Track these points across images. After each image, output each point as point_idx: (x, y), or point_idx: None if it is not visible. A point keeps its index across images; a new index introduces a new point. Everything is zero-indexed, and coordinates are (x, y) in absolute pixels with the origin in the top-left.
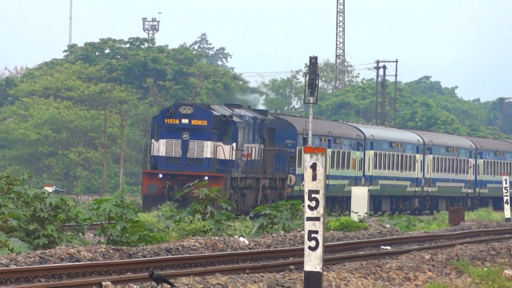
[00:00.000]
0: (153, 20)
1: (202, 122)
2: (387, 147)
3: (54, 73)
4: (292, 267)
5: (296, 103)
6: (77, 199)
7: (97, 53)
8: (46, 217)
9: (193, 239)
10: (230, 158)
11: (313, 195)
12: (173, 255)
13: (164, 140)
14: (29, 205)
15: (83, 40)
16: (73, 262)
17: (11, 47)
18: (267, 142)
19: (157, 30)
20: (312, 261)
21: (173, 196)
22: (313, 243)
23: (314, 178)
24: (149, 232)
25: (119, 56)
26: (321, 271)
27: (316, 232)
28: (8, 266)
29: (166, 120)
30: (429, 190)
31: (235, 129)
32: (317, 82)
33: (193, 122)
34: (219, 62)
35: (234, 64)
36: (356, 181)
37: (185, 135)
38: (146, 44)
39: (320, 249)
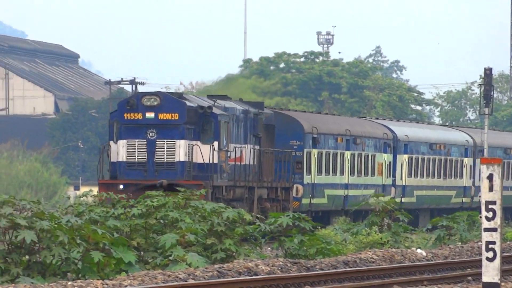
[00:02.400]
0: (328, 33)
1: (172, 116)
2: (426, 150)
3: (229, 87)
4: (469, 278)
5: (471, 114)
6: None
7: (272, 68)
8: (223, 231)
9: (370, 252)
10: (211, 161)
11: (490, 206)
12: (351, 267)
13: (124, 141)
14: (206, 219)
15: (258, 54)
16: (251, 276)
17: (187, 62)
18: (264, 142)
19: (332, 44)
20: (490, 272)
21: None
22: (490, 254)
23: (490, 189)
24: (327, 245)
25: (294, 70)
26: (499, 282)
27: (494, 243)
28: (186, 281)
29: (125, 115)
30: (473, 200)
31: (216, 124)
32: (492, 93)
33: (160, 116)
34: (394, 75)
35: (409, 76)
36: (384, 191)
37: (151, 134)
38: (320, 58)
39: (497, 260)
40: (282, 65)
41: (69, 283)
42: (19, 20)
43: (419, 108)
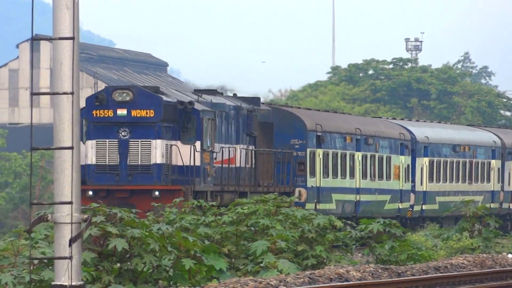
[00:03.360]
0: (416, 40)
1: (147, 113)
2: (449, 152)
3: (318, 94)
4: None
5: None
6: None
7: (360, 74)
8: (314, 237)
9: (461, 257)
10: (192, 164)
11: None
12: (442, 273)
13: (94, 141)
14: (297, 226)
15: (346, 61)
16: (342, 282)
17: (275, 70)
18: (260, 141)
19: (420, 50)
20: None
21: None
22: None
23: None
24: (417, 251)
25: (383, 77)
26: None
27: None
28: (277, 287)
29: (95, 112)
30: (510, 207)
31: (199, 121)
32: None
33: (133, 113)
34: (483, 81)
35: (498, 82)
36: (402, 197)
37: (123, 133)
38: (409, 64)
39: None
40: (370, 72)
41: None
42: (107, 29)
43: (508, 113)
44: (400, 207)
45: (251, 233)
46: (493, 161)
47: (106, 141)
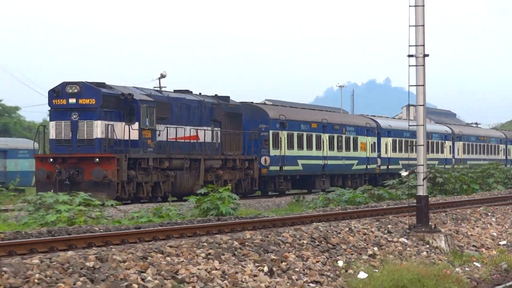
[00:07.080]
0: None
1: (89, 101)
2: (408, 135)
3: None
4: None
5: None
6: None
7: None
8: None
9: None
10: (125, 138)
11: None
12: None
13: (54, 122)
14: (504, 172)
15: None
16: None
17: None
18: (227, 125)
19: None
20: None
21: (63, 180)
22: None
23: None
24: None
25: None
26: None
27: None
28: (497, 195)
29: (54, 101)
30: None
31: (137, 108)
32: None
33: (80, 101)
34: None
35: None
36: (369, 161)
37: (74, 116)
38: None
39: None
40: None
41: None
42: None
43: None
44: (368, 167)
45: (487, 175)
46: (446, 142)
47: (62, 122)
